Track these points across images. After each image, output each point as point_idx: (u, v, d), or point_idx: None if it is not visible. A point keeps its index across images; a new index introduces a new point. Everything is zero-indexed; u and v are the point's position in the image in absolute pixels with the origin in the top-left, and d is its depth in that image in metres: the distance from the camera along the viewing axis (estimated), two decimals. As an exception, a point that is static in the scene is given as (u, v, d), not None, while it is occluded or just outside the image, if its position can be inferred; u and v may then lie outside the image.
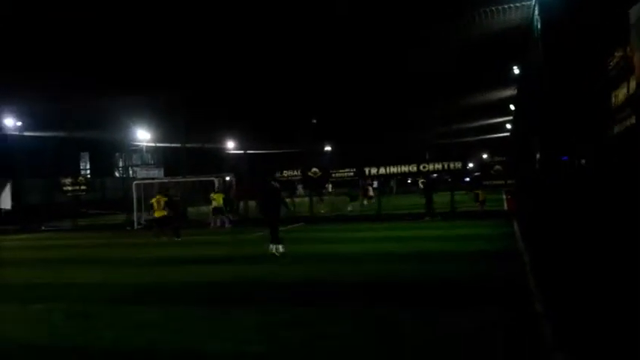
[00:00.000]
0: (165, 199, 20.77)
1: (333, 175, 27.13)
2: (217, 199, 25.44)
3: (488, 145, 62.70)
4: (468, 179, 48.58)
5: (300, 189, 41.05)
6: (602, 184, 9.22)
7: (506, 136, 55.07)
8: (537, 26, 14.83)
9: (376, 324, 7.13)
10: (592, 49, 10.40)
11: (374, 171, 26.34)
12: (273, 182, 14.90)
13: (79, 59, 29.73)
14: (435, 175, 41.06)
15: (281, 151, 47.98)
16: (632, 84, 6.36)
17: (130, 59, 30.17)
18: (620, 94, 6.63)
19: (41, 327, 7.71)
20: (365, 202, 34.01)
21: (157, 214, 20.70)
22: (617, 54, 6.84)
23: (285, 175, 27.70)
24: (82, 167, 48.67)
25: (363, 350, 6.10)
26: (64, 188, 31.64)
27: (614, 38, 7.30)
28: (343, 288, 9.69)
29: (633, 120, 6.30)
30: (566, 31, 12.17)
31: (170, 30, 27.89)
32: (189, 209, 30.52)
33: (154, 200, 20.91)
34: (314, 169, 27.66)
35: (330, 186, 49.87)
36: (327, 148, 62.59)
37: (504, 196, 34.71)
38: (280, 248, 14.18)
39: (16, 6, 23.62)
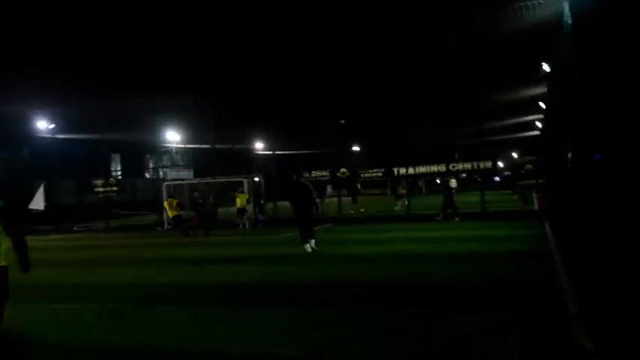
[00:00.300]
0: (177, 200, 21.25)
1: (362, 175, 27.02)
2: (241, 200, 25.55)
3: (517, 144, 61.94)
4: (497, 178, 48.15)
5: (329, 189, 41.03)
6: (633, 183, 9.00)
7: (537, 134, 54.34)
8: (568, 22, 14.60)
9: (407, 326, 7.05)
10: (623, 45, 10.18)
11: (402, 171, 26.16)
12: (302, 181, 15.12)
13: (110, 62, 30.18)
14: (464, 174, 40.66)
15: (310, 151, 48.06)
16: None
17: (161, 61, 30.53)
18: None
19: (73, 327, 7.82)
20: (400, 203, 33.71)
21: (170, 215, 21.11)
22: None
23: (314, 175, 27.68)
24: (113, 169, 49.31)
25: (394, 352, 6.03)
26: (96, 189, 32.09)
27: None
28: (373, 289, 9.62)
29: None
30: (597, 26, 11.95)
31: (201, 32, 28.18)
32: (220, 210, 30.71)
33: (165, 203, 21.30)
34: (342, 170, 27.60)
35: (359, 186, 49.76)
36: (356, 148, 62.51)
37: (535, 196, 34.27)
38: (313, 243, 14.48)
39: (49, 10, 24.10)
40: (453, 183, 48.65)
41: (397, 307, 8.20)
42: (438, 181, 42.40)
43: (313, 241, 14.60)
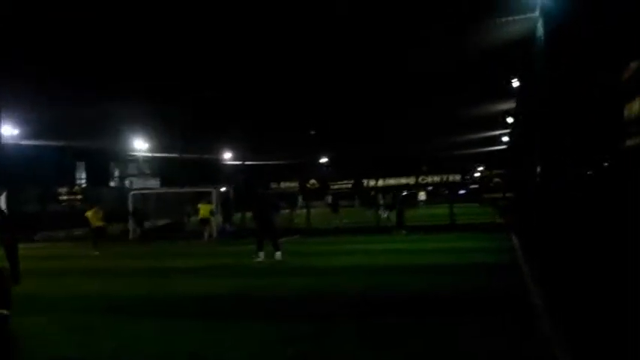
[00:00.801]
0: (102, 211, 21.11)
1: (332, 187, 26.99)
2: (203, 210, 25.31)
3: (482, 159, 62.76)
4: (462, 191, 48.66)
5: (300, 200, 40.91)
6: (610, 195, 9.10)
7: (503, 148, 55.14)
8: (541, 39, 14.82)
9: (386, 337, 6.97)
10: (596, 63, 10.35)
11: (372, 183, 26.21)
12: (264, 192, 15.28)
13: (76, 68, 29.63)
14: (430, 187, 41.00)
15: (279, 162, 47.96)
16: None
17: (128, 69, 30.07)
18: (635, 106, 6.51)
19: (40, 339, 7.52)
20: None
21: (93, 225, 20.89)
22: (632, 65, 6.73)
23: (283, 186, 27.58)
24: (78, 177, 48.39)
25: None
26: (60, 197, 31.49)
27: (628, 50, 7.21)
28: (348, 301, 9.52)
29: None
30: (570, 44, 12.15)
31: (168, 40, 27.82)
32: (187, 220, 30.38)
33: (89, 212, 21.04)
34: (312, 181, 27.56)
35: (330, 197, 49.61)
36: (324, 160, 62.58)
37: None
38: (278, 255, 14.97)
39: (12, 12, 23.56)
40: (422, 195, 49.21)
41: (374, 318, 8.11)
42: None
43: (279, 253, 15.01)
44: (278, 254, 15.05)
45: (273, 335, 7.19)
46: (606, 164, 9.36)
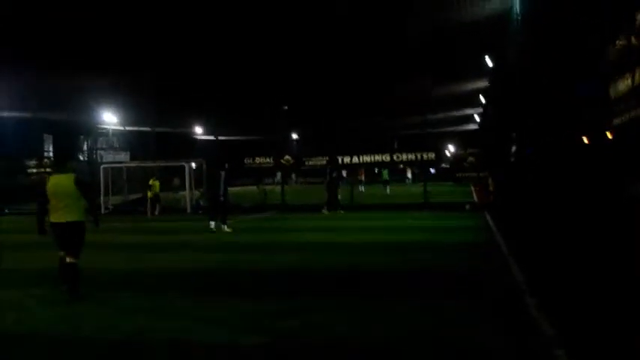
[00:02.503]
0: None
1: (306, 163, 26.91)
2: (155, 187, 24.99)
3: (454, 137, 63.22)
4: (433, 171, 49.01)
5: (293, 177, 40.78)
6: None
7: (475, 128, 55.56)
8: (517, 16, 14.85)
9: (371, 314, 7.00)
10: (575, 39, 10.39)
11: (347, 159, 26.21)
12: (221, 171, 17.00)
13: (44, 37, 28.82)
14: (401, 166, 41.11)
15: (253, 137, 47.55)
16: (638, 75, 6.28)
17: (98, 38, 29.35)
18: (623, 84, 6.56)
19: (19, 314, 7.36)
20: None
21: None
22: (619, 42, 6.75)
23: (258, 162, 27.42)
24: (45, 149, 47.39)
25: (360, 340, 5.96)
26: (29, 170, 30.85)
27: (614, 26, 7.23)
28: (331, 278, 9.55)
29: (638, 111, 6.24)
30: (547, 21, 12.18)
31: (140, 9, 27.19)
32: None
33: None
34: (286, 157, 27.44)
35: (294, 175, 49.59)
36: (295, 136, 62.28)
37: (473, 188, 35.09)
38: (225, 227, 16.73)
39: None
40: (409, 173, 49.34)
41: (358, 295, 8.14)
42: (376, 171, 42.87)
43: (226, 226, 16.79)
44: (225, 227, 16.79)
45: (261, 311, 7.17)
46: (588, 142, 9.46)
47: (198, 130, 50.75)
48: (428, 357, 5.44)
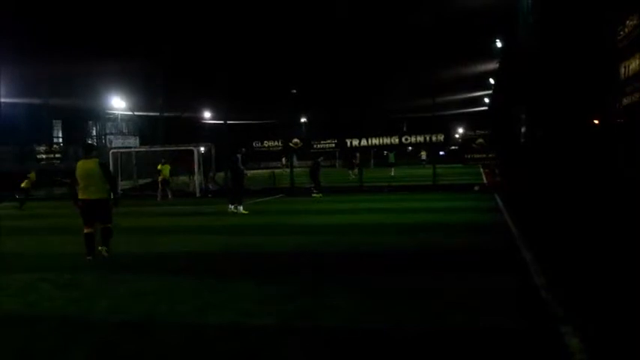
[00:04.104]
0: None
1: (315, 146, 26.86)
2: (164, 171, 24.99)
3: (463, 119, 62.99)
4: (442, 153, 48.86)
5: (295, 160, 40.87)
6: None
7: (484, 110, 55.30)
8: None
9: (380, 294, 7.02)
10: (588, 19, 10.27)
11: (355, 142, 26.15)
12: (237, 154, 17.79)
13: (53, 25, 28.85)
14: (410, 148, 41.08)
15: (261, 121, 47.57)
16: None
17: (106, 24, 29.35)
18: (633, 64, 6.49)
19: (30, 298, 7.43)
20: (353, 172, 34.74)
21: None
22: (629, 22, 6.67)
23: (267, 145, 27.41)
24: (54, 135, 47.60)
25: (369, 321, 5.98)
26: (38, 156, 31.00)
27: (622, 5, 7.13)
28: (339, 259, 9.58)
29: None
30: (558, 3, 12.04)
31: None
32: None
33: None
34: (295, 140, 27.41)
35: (284, 159, 49.50)
36: (303, 120, 62.21)
37: (482, 170, 34.99)
38: (241, 209, 17.38)
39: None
40: (423, 155, 49.32)
41: (367, 276, 8.16)
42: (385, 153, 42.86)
43: (241, 207, 17.48)
44: (241, 208, 17.48)
45: (272, 292, 7.21)
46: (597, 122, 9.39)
47: (207, 114, 50.80)
48: (437, 338, 5.45)
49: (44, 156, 30.93)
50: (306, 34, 33.78)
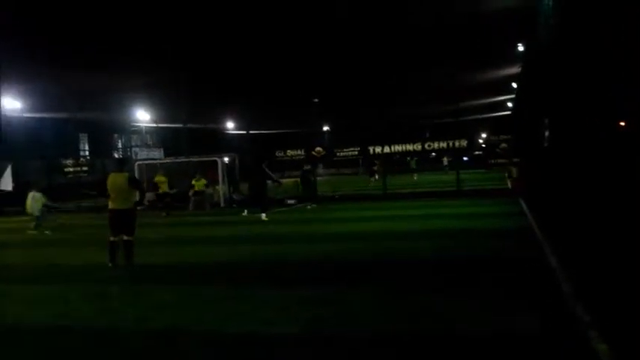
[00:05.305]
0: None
1: (338, 154, 26.90)
2: (198, 185, 24.98)
3: (485, 124, 62.44)
4: (466, 158, 48.60)
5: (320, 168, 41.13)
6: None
7: (507, 114, 54.82)
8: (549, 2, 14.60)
9: (403, 302, 7.00)
10: (612, 19, 10.15)
11: (378, 149, 26.14)
12: (262, 165, 19.20)
13: (78, 40, 29.34)
14: (434, 154, 40.96)
15: (283, 130, 47.65)
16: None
17: (129, 40, 29.77)
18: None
19: (57, 309, 7.55)
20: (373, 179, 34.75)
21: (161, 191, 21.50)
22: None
23: (290, 154, 27.51)
24: (81, 148, 48.36)
25: (393, 329, 5.97)
26: (66, 169, 31.50)
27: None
28: (362, 266, 9.59)
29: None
30: (582, 4, 11.93)
31: (172, 10, 27.50)
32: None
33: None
34: (318, 149, 27.49)
35: (321, 165, 49.64)
36: (326, 128, 62.27)
37: (507, 175, 34.66)
38: (264, 216, 18.02)
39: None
40: (445, 161, 49.29)
41: (390, 284, 8.15)
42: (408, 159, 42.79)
43: (264, 215, 18.12)
44: (263, 215, 18.12)
45: (295, 301, 7.23)
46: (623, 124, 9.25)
47: (230, 124, 51.14)
48: (460, 347, 5.41)
49: (71, 169, 31.44)
50: (328, 42, 33.88)
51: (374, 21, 30.68)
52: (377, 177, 34.80)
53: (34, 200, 18.03)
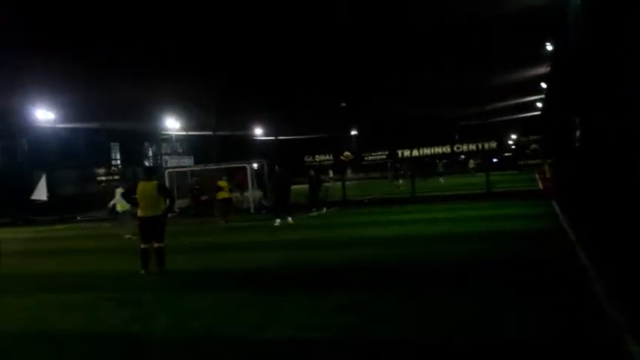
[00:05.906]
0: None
1: (366, 158, 26.89)
2: (225, 188, 24.69)
3: (516, 125, 61.69)
4: (495, 160, 48.14)
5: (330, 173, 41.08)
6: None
7: (537, 114, 54.11)
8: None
9: (435, 307, 6.97)
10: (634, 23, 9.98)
11: (407, 153, 26.05)
12: (283, 171, 20.07)
13: (108, 50, 29.82)
14: (463, 156, 40.55)
15: (311, 136, 47.76)
16: None
17: (159, 48, 30.17)
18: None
19: (91, 316, 7.68)
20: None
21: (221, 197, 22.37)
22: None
23: (318, 159, 27.57)
24: (112, 157, 49.12)
25: (427, 334, 5.95)
26: (98, 178, 32.03)
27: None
28: (392, 271, 9.58)
29: None
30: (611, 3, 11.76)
31: (199, 19, 27.78)
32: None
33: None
34: (346, 153, 27.50)
35: (331, 172, 49.39)
36: (354, 132, 62.20)
37: (537, 176, 34.24)
38: (289, 219, 18.82)
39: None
40: (472, 164, 48.99)
41: (421, 288, 8.11)
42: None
43: (290, 218, 18.96)
44: (290, 219, 18.91)
45: (325, 305, 7.25)
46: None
47: (258, 131, 51.44)
48: (489, 353, 5.37)
49: (104, 178, 31.94)
50: (356, 45, 33.87)
51: (401, 23, 30.59)
52: (401, 181, 34.61)
53: (121, 196, 17.73)
